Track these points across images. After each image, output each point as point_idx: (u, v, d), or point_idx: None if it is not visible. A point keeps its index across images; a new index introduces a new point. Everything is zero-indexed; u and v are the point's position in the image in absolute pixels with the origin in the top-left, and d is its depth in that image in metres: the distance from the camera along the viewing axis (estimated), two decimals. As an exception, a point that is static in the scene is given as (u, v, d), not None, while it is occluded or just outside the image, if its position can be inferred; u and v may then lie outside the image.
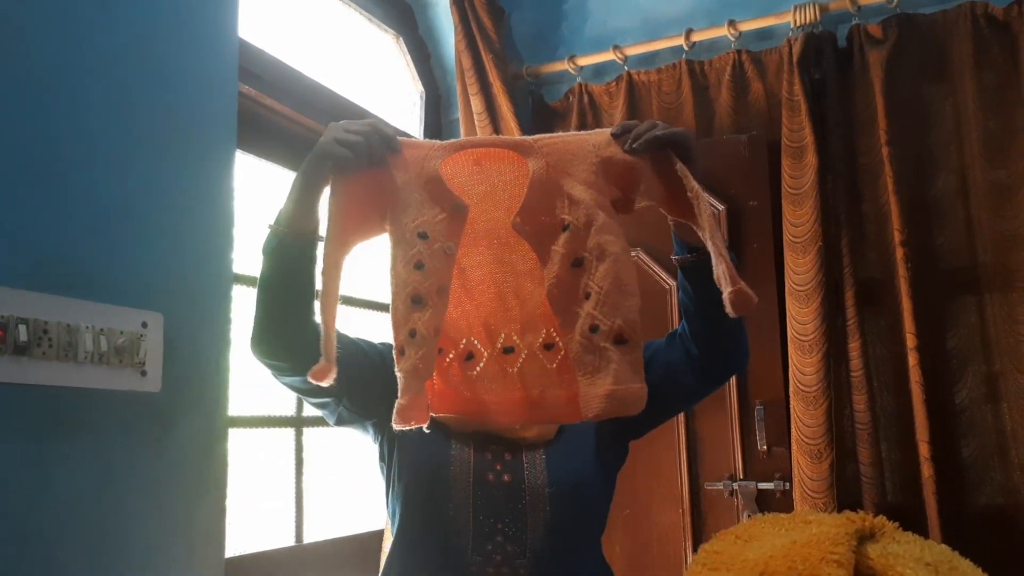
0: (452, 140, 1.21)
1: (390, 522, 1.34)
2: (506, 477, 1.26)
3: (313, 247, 1.17)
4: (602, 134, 1.19)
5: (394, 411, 1.10)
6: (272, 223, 1.19)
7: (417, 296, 1.11)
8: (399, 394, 1.10)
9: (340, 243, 1.11)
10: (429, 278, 1.12)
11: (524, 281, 1.21)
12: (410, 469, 1.28)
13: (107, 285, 1.43)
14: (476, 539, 1.22)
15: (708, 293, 1.17)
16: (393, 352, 1.13)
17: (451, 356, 1.23)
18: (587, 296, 1.14)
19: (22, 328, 1.27)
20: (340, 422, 1.33)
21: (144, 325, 1.47)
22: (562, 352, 1.19)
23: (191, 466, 1.55)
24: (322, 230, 1.16)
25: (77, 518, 1.34)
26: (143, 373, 1.46)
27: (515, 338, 1.21)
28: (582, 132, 1.23)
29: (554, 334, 1.19)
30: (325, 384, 1.07)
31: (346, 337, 1.29)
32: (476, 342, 1.24)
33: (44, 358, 1.31)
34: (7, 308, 1.26)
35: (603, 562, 1.35)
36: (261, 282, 1.19)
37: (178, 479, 1.52)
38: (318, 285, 1.12)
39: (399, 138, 1.18)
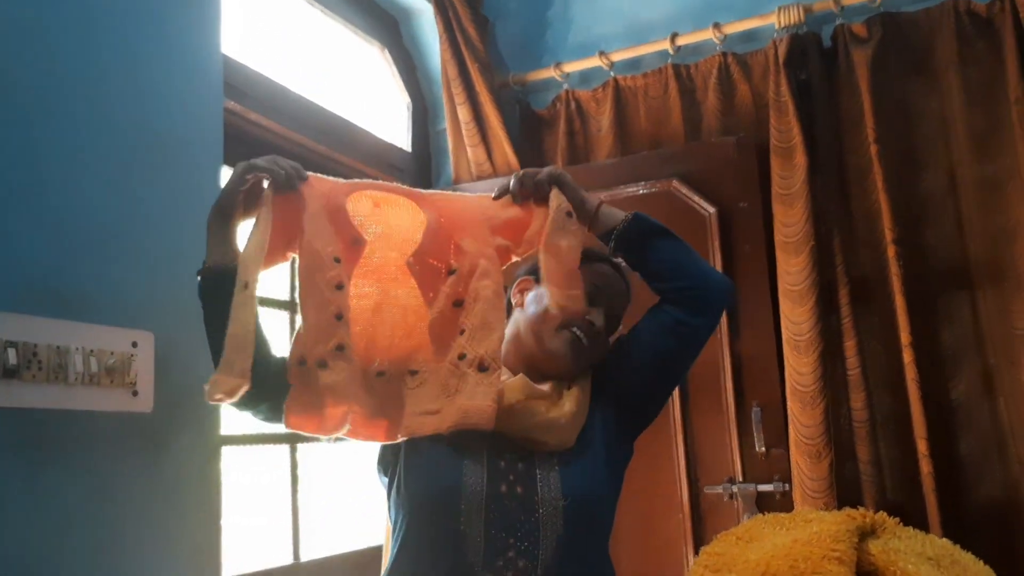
0: (356, 180, 1.34)
1: (391, 528, 1.32)
2: (519, 489, 1.23)
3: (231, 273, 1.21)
4: (486, 197, 1.37)
5: (288, 415, 1.17)
6: (199, 270, 1.24)
7: (339, 313, 1.21)
8: (317, 403, 1.16)
9: (258, 259, 1.18)
10: (346, 298, 1.23)
11: (407, 315, 1.32)
12: (418, 475, 1.26)
13: (96, 305, 1.42)
14: (487, 554, 1.19)
15: (644, 251, 1.35)
16: (293, 362, 1.18)
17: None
18: (461, 332, 1.26)
19: (11, 351, 1.26)
20: (341, 439, 1.32)
21: (134, 345, 1.46)
22: (424, 381, 1.28)
23: (185, 485, 1.54)
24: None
25: (71, 540, 1.32)
26: (134, 393, 1.45)
27: (387, 364, 1.29)
28: (469, 195, 1.42)
29: (421, 363, 1.29)
30: (232, 401, 1.13)
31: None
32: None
33: (34, 381, 1.29)
34: (-6, 331, 1.25)
35: (610, 564, 1.34)
36: (206, 328, 1.24)
37: (173, 499, 1.51)
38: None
39: (307, 173, 1.28)
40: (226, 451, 1.69)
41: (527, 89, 3.00)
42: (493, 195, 1.35)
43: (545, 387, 1.30)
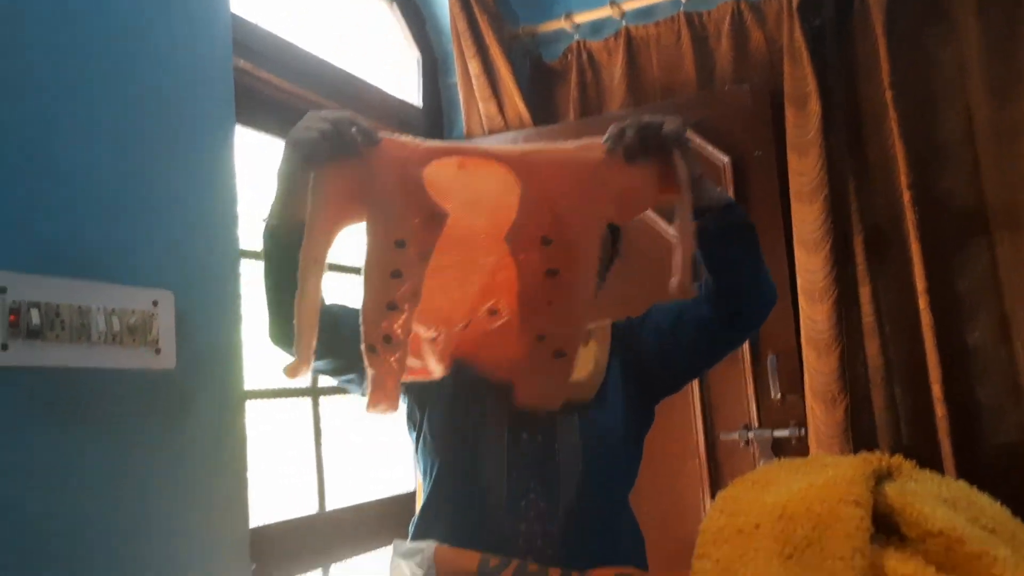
0: (437, 143, 1.22)
1: (422, 478, 1.36)
2: (539, 436, 1.27)
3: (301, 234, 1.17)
4: (595, 147, 1.19)
5: (366, 401, 1.15)
6: (264, 217, 1.20)
7: (392, 303, 1.14)
8: (369, 388, 1.14)
9: (319, 237, 1.11)
10: (404, 284, 1.14)
11: (495, 285, 1.25)
12: (443, 426, 1.30)
13: (116, 265, 1.43)
14: (510, 496, 1.23)
15: (718, 244, 1.24)
16: (363, 346, 1.14)
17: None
18: (549, 303, 1.19)
19: (34, 312, 1.28)
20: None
21: (155, 303, 1.48)
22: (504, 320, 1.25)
23: (210, 440, 1.57)
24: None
25: (99, 497, 1.36)
26: (157, 351, 1.47)
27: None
28: (573, 145, 1.21)
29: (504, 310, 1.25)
30: (297, 377, 1.11)
31: (354, 311, 1.29)
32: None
33: (58, 341, 1.32)
34: (19, 293, 1.27)
35: (632, 517, 1.37)
36: (264, 275, 1.21)
37: (198, 453, 1.54)
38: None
39: (382, 136, 1.17)
40: (250, 405, 1.72)
41: (538, 41, 2.96)
42: (605, 145, 1.19)
43: None
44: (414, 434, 1.36)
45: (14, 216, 1.29)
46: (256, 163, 2.18)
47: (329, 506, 2.15)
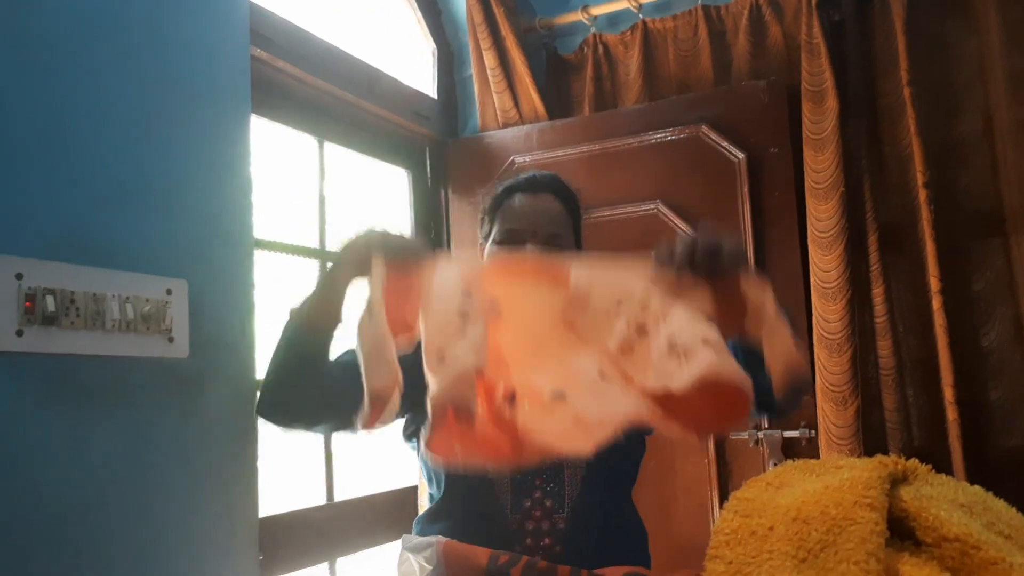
0: (489, 261, 1.20)
1: (427, 481, 1.36)
2: None
3: (327, 341, 1.21)
4: (643, 264, 1.14)
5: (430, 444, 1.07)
6: (295, 308, 1.23)
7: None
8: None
9: (381, 316, 1.10)
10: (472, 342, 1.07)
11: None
12: None
13: (130, 253, 1.44)
14: (515, 496, 1.24)
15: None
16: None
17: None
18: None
19: (50, 299, 1.29)
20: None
21: (169, 292, 1.48)
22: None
23: (222, 429, 1.57)
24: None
25: (111, 484, 1.36)
26: (170, 339, 1.48)
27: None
28: (621, 262, 1.16)
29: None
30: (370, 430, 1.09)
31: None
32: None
33: (72, 328, 1.32)
34: (34, 279, 1.27)
35: (635, 513, 1.37)
36: (281, 352, 1.26)
37: (209, 442, 1.54)
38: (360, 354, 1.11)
39: (441, 254, 1.17)
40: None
41: (554, 33, 2.95)
42: (656, 258, 1.14)
43: None
44: (415, 442, 1.36)
45: (30, 203, 1.30)
46: (270, 154, 2.19)
47: (337, 497, 2.16)
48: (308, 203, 2.31)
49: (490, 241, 1.33)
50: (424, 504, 1.43)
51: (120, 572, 1.36)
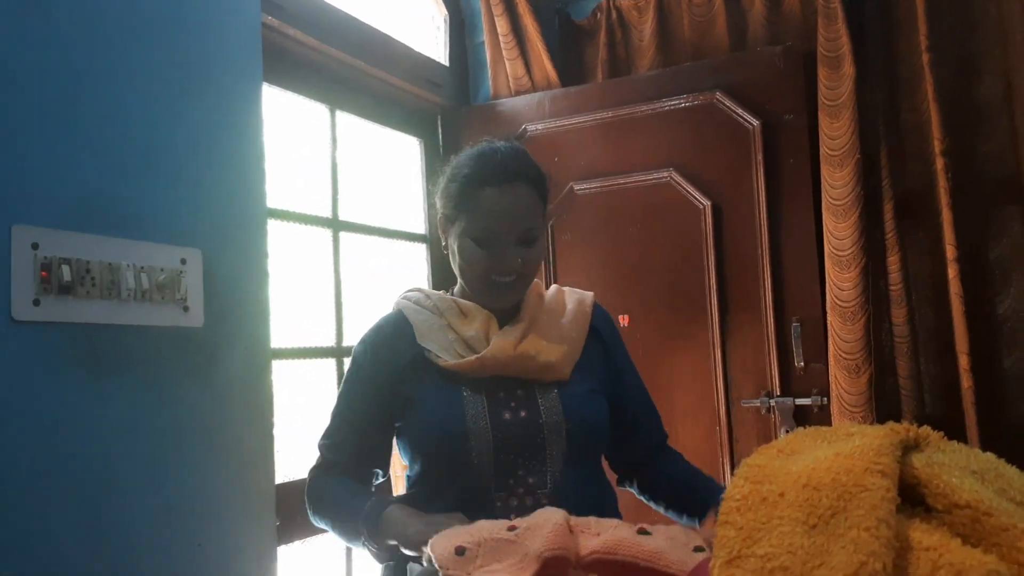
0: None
1: (408, 463, 1.37)
2: (522, 413, 1.29)
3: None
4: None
5: None
6: (367, 538, 1.23)
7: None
8: None
9: None
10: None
11: None
12: (423, 415, 1.31)
13: (144, 223, 1.44)
14: (498, 476, 1.25)
15: None
16: None
17: None
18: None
19: (65, 268, 1.30)
20: None
21: (183, 261, 1.49)
22: None
23: (238, 397, 1.59)
24: None
25: (129, 451, 1.38)
26: (185, 308, 1.49)
27: None
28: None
29: None
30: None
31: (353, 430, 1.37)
32: None
33: (88, 297, 1.33)
34: (50, 249, 1.28)
35: (605, 477, 1.41)
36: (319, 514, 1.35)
37: (226, 410, 1.56)
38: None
39: None
40: (275, 365, 1.73)
41: (567, -1, 2.92)
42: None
43: (519, 325, 1.35)
44: (399, 430, 1.37)
45: (45, 173, 1.30)
46: (283, 122, 2.18)
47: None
48: (320, 172, 2.31)
49: (461, 233, 1.31)
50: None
51: (140, 536, 1.38)
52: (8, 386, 1.22)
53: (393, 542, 1.17)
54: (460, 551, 0.98)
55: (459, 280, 1.40)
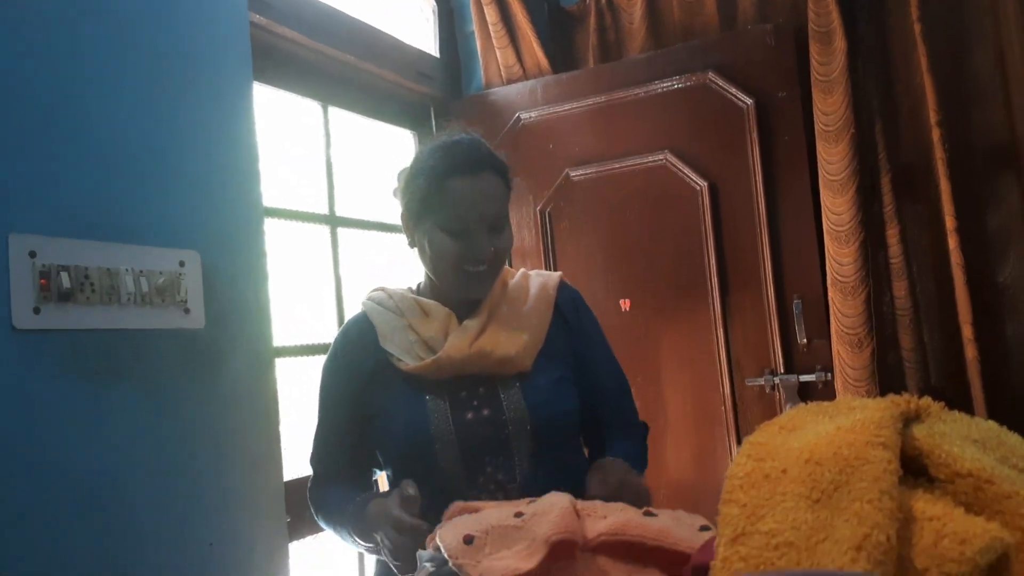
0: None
1: (384, 468, 1.39)
2: (485, 411, 1.29)
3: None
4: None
5: None
6: (356, 536, 1.26)
7: None
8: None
9: None
10: None
11: None
12: (387, 420, 1.31)
13: (141, 227, 1.44)
14: (469, 475, 1.26)
15: None
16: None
17: None
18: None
19: (64, 275, 1.30)
20: None
21: (181, 264, 1.49)
22: None
23: (243, 397, 1.60)
24: None
25: (136, 455, 1.39)
26: (186, 311, 1.49)
27: None
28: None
29: None
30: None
31: (335, 446, 1.40)
32: None
33: (88, 303, 1.34)
34: (48, 257, 1.28)
35: (583, 456, 1.41)
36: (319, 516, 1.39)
37: (231, 410, 1.57)
38: None
39: None
40: (279, 362, 1.74)
41: (554, -15, 2.90)
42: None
43: (476, 319, 1.33)
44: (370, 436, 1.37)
45: (41, 180, 1.30)
46: (276, 120, 2.18)
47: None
48: (316, 169, 2.31)
49: (431, 227, 1.30)
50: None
51: (149, 539, 1.39)
52: (11, 395, 1.22)
53: (379, 535, 1.18)
54: (469, 540, 0.98)
55: (425, 275, 1.40)
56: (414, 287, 1.45)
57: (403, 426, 1.29)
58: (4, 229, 1.24)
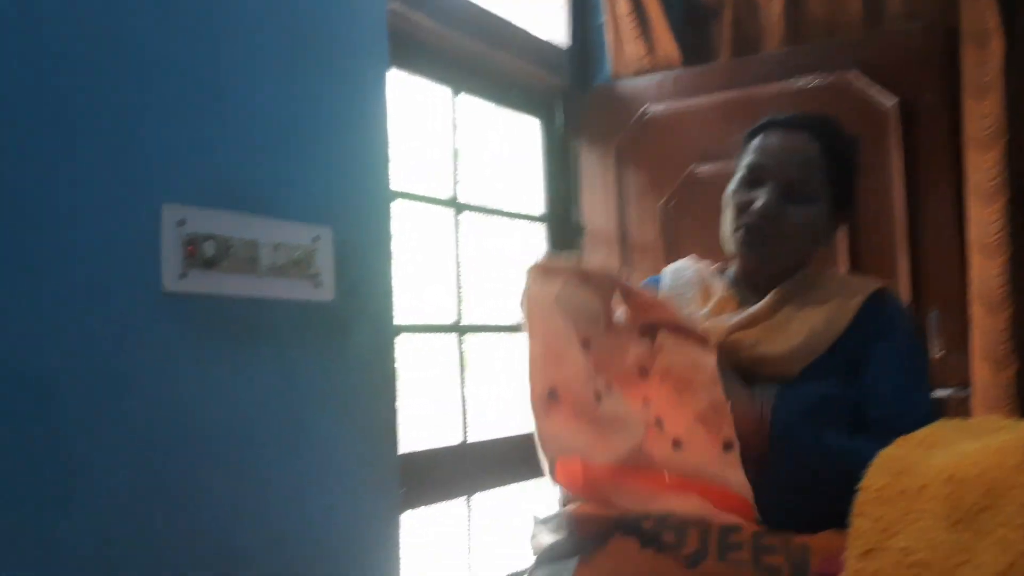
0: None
1: None
2: None
3: None
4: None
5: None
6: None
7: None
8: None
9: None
10: None
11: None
12: None
13: (279, 201, 1.51)
14: None
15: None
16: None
17: None
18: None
19: (209, 244, 1.37)
20: None
21: (316, 239, 1.55)
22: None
23: (365, 370, 1.65)
24: None
25: (264, 419, 1.45)
26: (317, 284, 1.55)
27: None
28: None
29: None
30: None
31: None
32: None
33: (229, 271, 1.41)
34: (197, 226, 1.36)
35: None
36: None
37: (354, 381, 1.62)
38: None
39: None
40: (399, 339, 1.79)
41: (691, -24, 2.85)
42: None
43: (754, 308, 1.22)
44: None
45: (191, 154, 1.38)
46: (405, 104, 2.23)
47: (471, 438, 2.23)
48: (441, 153, 2.35)
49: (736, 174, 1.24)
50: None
51: (274, 502, 1.45)
52: (161, 352, 1.30)
53: None
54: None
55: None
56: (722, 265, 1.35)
57: None
58: (158, 199, 1.32)
